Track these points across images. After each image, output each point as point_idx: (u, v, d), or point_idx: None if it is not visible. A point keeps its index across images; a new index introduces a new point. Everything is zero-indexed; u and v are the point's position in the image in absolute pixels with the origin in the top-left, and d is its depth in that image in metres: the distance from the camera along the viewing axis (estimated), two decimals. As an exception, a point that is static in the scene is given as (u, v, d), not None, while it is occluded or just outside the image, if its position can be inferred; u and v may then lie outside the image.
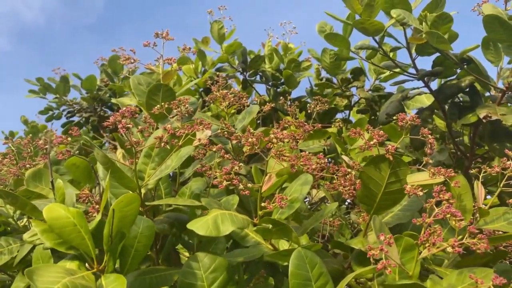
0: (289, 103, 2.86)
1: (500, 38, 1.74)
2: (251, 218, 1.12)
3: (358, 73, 3.25)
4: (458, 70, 2.05)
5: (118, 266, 0.99)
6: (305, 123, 1.47)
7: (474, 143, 2.06)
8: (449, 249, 0.79)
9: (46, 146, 1.29)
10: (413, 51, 1.97)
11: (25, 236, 1.06)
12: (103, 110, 4.04)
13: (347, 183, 1.18)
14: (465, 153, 2.14)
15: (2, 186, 1.51)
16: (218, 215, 1.02)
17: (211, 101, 1.87)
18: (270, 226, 1.04)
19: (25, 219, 1.71)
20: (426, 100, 2.25)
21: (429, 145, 1.24)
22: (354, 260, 1.19)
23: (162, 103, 1.41)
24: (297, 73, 3.37)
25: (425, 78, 2.03)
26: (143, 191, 1.16)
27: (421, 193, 0.96)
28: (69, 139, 0.99)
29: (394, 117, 1.27)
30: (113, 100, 2.85)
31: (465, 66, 1.90)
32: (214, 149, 1.20)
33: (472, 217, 1.25)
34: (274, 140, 1.01)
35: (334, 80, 3.32)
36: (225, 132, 1.55)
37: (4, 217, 1.64)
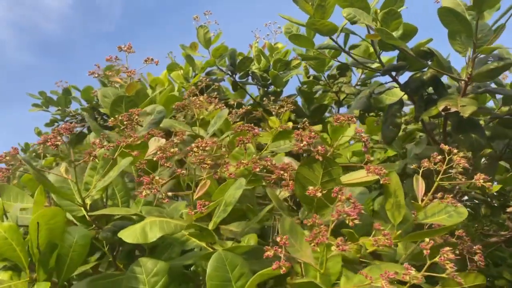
0: (273, 103, 2.90)
1: (458, 29, 1.74)
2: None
3: (344, 69, 3.25)
4: (429, 62, 2.06)
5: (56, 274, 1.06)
6: (254, 127, 1.52)
7: (446, 134, 2.06)
8: (333, 248, 0.83)
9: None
10: (377, 47, 1.98)
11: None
12: (103, 119, 4.16)
13: (284, 184, 1.23)
14: (439, 143, 2.14)
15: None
16: (148, 223, 1.08)
17: (177, 110, 1.93)
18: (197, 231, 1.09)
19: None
20: (400, 93, 2.27)
21: (363, 144, 1.27)
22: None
23: (116, 115, 1.48)
24: (286, 72, 3.41)
25: (393, 73, 2.04)
26: (88, 201, 1.23)
27: (319, 194, 0.99)
28: (7, 158, 1.07)
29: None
30: (102, 110, 2.94)
31: (428, 60, 1.90)
32: (155, 158, 1.26)
33: (413, 212, 1.27)
34: (195, 149, 1.06)
35: (323, 77, 3.34)
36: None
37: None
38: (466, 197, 3.16)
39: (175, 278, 1.17)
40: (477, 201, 3.07)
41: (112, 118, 1.49)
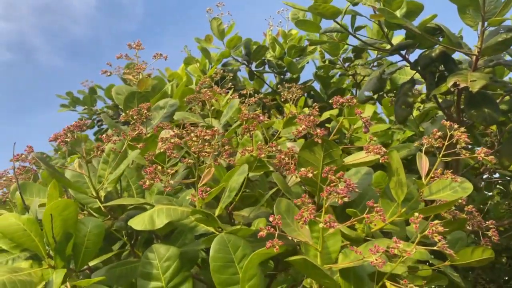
0: (287, 89, 2.91)
1: (465, 3, 1.71)
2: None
3: (360, 51, 3.23)
4: (441, 39, 2.02)
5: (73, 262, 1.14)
6: (259, 115, 1.55)
7: (460, 110, 2.03)
8: (320, 225, 0.86)
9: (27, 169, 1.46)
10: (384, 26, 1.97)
11: (-3, 242, 1.23)
12: (127, 116, 4.29)
13: (287, 168, 1.26)
14: (456, 120, 2.11)
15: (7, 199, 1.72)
16: (156, 210, 1.14)
17: (187, 103, 1.98)
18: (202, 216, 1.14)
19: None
20: (412, 72, 2.24)
21: (364, 124, 1.28)
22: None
23: (127, 111, 1.55)
24: (302, 58, 3.41)
25: (404, 52, 2.02)
26: (102, 193, 1.31)
27: (310, 175, 1.02)
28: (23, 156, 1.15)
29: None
30: (121, 106, 3.04)
31: (438, 36, 1.88)
32: (161, 150, 1.31)
33: (419, 190, 1.28)
34: (194, 138, 1.11)
35: (340, 61, 3.33)
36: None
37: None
38: (497, 175, 3.10)
39: (186, 263, 1.22)
40: (508, 178, 3.00)
41: (123, 114, 1.56)
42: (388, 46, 2.08)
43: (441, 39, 2.01)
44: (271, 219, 0.89)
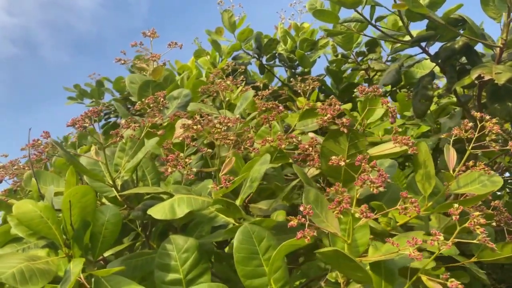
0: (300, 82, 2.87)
1: (490, -8, 1.66)
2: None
3: (373, 45, 3.18)
4: (462, 31, 1.97)
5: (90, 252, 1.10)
6: (279, 105, 1.51)
7: (481, 105, 1.97)
8: (357, 215, 0.81)
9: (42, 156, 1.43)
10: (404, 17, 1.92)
11: (12, 230, 1.20)
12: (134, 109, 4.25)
13: (309, 159, 1.22)
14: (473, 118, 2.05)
15: (19, 188, 1.69)
16: (176, 199, 1.10)
17: (202, 92, 1.94)
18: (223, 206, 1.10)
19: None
20: (431, 65, 2.19)
21: (391, 114, 1.24)
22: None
23: (142, 100, 1.51)
24: (313, 51, 3.35)
25: (424, 44, 1.97)
26: (119, 182, 1.27)
27: (343, 163, 0.98)
28: (40, 141, 1.11)
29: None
30: (132, 98, 3.01)
31: (460, 28, 1.82)
32: (180, 139, 1.27)
33: (445, 183, 1.23)
34: (218, 125, 1.07)
35: (353, 55, 3.28)
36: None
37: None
38: (507, 174, 3.04)
39: (205, 255, 1.18)
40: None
41: (139, 102, 1.52)
42: (407, 39, 2.03)
43: (461, 31, 1.96)
44: (301, 208, 0.85)
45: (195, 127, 1.09)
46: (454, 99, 2.53)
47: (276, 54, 3.48)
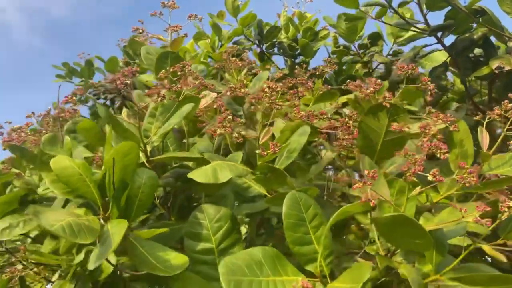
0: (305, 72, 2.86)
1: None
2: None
3: (375, 38, 3.19)
4: (474, 25, 2.00)
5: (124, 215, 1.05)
6: (307, 81, 1.49)
7: (491, 98, 2.01)
8: (430, 178, 0.81)
9: (62, 114, 1.36)
10: (424, 6, 1.93)
11: (39, 190, 1.14)
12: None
13: (346, 133, 1.21)
14: (483, 110, 2.09)
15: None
16: (218, 164, 1.06)
17: (220, 68, 1.90)
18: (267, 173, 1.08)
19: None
20: (443, 57, 2.21)
21: (429, 92, 1.24)
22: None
23: (167, 68, 1.45)
24: (314, 42, 3.35)
25: (439, 34, 1.99)
26: (148, 148, 1.22)
27: (407, 129, 0.97)
28: (75, 98, 1.05)
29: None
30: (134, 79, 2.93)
31: (479, 18, 1.84)
32: (215, 106, 1.24)
33: (476, 163, 1.24)
34: (267, 90, 1.04)
35: (352, 48, 3.28)
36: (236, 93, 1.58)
37: (31, 186, 1.75)
38: None
39: (238, 225, 1.15)
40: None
41: (163, 71, 1.47)
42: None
43: (474, 25, 1.99)
44: (366, 172, 0.83)
45: (243, 90, 1.06)
46: (457, 94, 2.57)
47: (276, 43, 3.45)
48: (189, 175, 1.03)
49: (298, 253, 0.94)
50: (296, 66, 2.99)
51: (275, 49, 3.47)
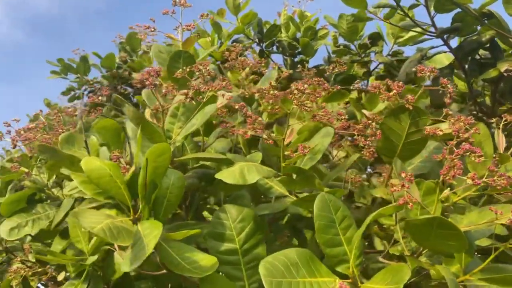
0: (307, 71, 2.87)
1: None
2: (274, 174, 1.16)
3: (376, 38, 3.21)
4: (479, 28, 2.02)
5: (152, 216, 1.05)
6: (325, 82, 1.49)
7: (496, 100, 2.05)
8: (469, 181, 0.82)
9: (76, 113, 1.35)
10: (431, 8, 1.95)
11: (65, 190, 1.13)
12: (123, 88, 4.11)
13: (368, 135, 1.22)
14: (486, 112, 2.13)
15: (35, 154, 1.59)
16: (244, 165, 1.07)
17: (229, 68, 1.89)
18: (294, 175, 1.08)
19: (58, 188, 1.80)
20: (445, 59, 2.24)
21: (448, 95, 1.25)
22: (376, 209, 1.22)
23: (184, 67, 1.45)
24: (314, 41, 3.36)
25: (445, 36, 2.01)
26: (171, 148, 1.21)
27: (440, 133, 0.99)
28: (100, 98, 1.04)
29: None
30: (134, 75, 2.91)
31: (486, 21, 1.87)
32: (236, 107, 1.23)
33: (493, 164, 1.26)
34: (296, 92, 1.04)
35: (352, 47, 3.31)
36: (245, 96, 1.59)
37: (39, 185, 1.73)
38: None
39: (261, 225, 1.16)
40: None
41: (180, 70, 1.46)
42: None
43: (479, 28, 2.02)
44: (403, 175, 0.84)
45: (271, 92, 1.06)
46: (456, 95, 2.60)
47: (275, 41, 3.46)
48: (218, 176, 1.03)
49: (329, 255, 0.95)
50: (299, 66, 3.00)
51: (274, 47, 3.48)
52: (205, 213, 1.76)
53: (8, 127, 1.72)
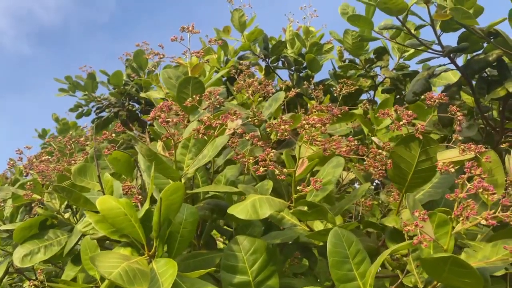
0: (313, 87, 2.89)
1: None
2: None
3: (381, 52, 3.23)
4: (485, 44, 2.03)
5: (166, 252, 1.06)
6: (333, 107, 1.51)
7: (504, 117, 2.04)
8: (483, 222, 0.82)
9: (88, 143, 1.36)
10: (437, 28, 1.96)
11: (79, 226, 1.14)
12: (131, 104, 4.15)
13: (377, 164, 1.22)
14: (495, 128, 2.12)
15: (48, 182, 1.61)
16: (256, 199, 1.07)
17: (237, 91, 1.91)
18: (306, 208, 1.09)
19: (69, 213, 1.82)
20: (452, 76, 2.25)
21: (458, 122, 1.26)
22: (388, 238, 1.22)
23: (193, 96, 1.46)
24: (319, 56, 3.38)
25: (451, 54, 2.02)
26: (183, 180, 1.23)
27: (453, 170, 0.99)
28: (113, 135, 1.06)
29: (422, 96, 1.29)
30: (142, 94, 2.94)
31: (492, 40, 1.88)
32: (247, 137, 1.25)
33: (504, 192, 1.26)
34: (306, 126, 1.05)
35: (357, 61, 3.32)
36: (255, 120, 1.60)
37: (51, 211, 1.74)
38: None
39: (274, 256, 1.16)
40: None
41: (189, 99, 1.47)
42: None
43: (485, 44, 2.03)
44: (416, 214, 0.85)
45: (282, 127, 1.07)
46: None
47: (281, 57, 3.48)
48: (230, 211, 1.04)
49: (343, 290, 0.95)
50: (304, 82, 3.00)
51: (280, 63, 3.51)
52: (214, 231, 1.76)
53: (20, 154, 1.74)
